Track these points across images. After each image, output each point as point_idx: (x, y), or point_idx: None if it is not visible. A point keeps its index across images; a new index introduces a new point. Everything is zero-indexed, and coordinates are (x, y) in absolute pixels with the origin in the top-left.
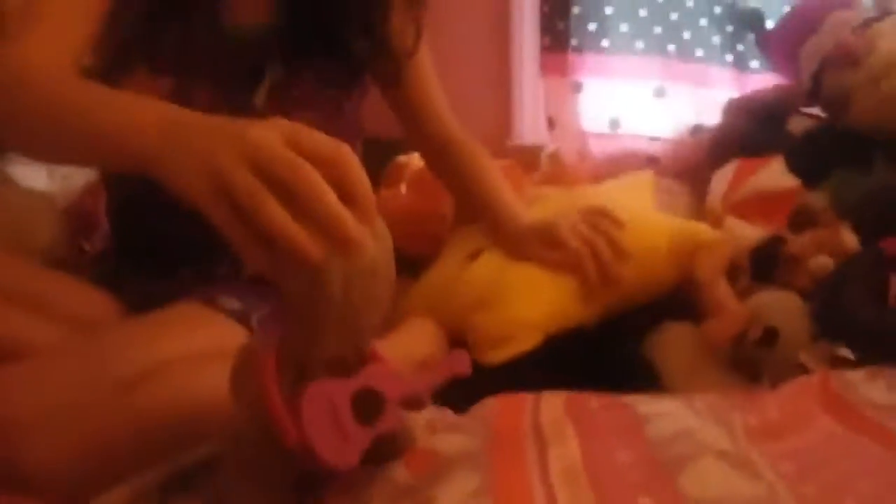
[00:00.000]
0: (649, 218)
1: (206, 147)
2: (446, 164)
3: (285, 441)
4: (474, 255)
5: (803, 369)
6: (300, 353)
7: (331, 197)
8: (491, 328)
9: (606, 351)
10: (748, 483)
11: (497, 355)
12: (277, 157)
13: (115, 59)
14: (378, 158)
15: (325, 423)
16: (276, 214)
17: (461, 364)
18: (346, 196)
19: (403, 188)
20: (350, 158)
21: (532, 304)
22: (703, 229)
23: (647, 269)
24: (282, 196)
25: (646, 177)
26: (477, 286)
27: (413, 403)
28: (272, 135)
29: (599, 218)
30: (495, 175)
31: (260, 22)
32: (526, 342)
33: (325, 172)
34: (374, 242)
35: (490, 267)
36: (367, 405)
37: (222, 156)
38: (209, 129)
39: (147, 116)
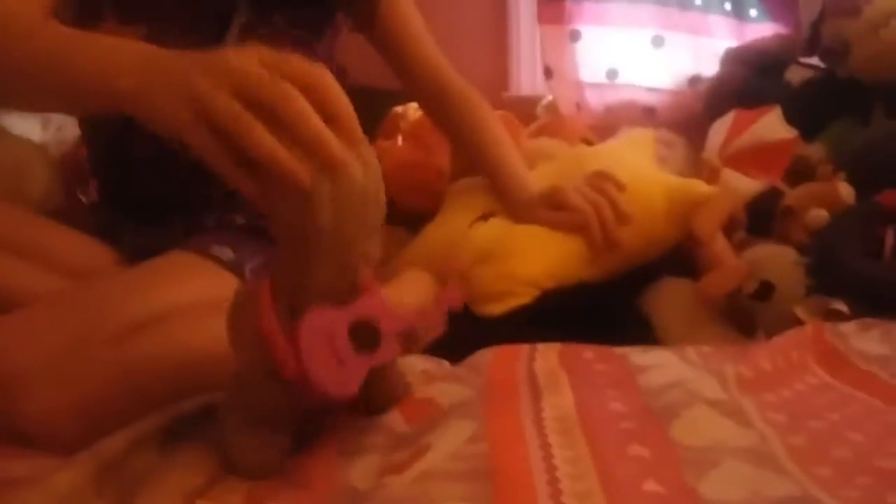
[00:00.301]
0: (647, 177)
1: (184, 76)
2: (445, 114)
3: (284, 372)
4: (485, 217)
5: (798, 322)
6: (293, 284)
7: (315, 119)
8: (489, 282)
9: (602, 305)
10: (739, 432)
11: (494, 308)
12: (259, 80)
13: (84, 10)
14: (375, 109)
15: (322, 351)
16: (264, 138)
17: (452, 299)
18: (329, 119)
19: (400, 140)
20: (331, 81)
21: (533, 261)
22: (699, 186)
23: (646, 228)
24: (265, 120)
25: (646, 134)
26: (481, 244)
27: (408, 338)
28: (252, 59)
29: (604, 181)
30: (498, 132)
31: None
32: (523, 297)
33: (307, 96)
34: (363, 168)
35: (497, 227)
36: (364, 336)
37: (202, 81)
38: (187, 60)
39: (124, 56)
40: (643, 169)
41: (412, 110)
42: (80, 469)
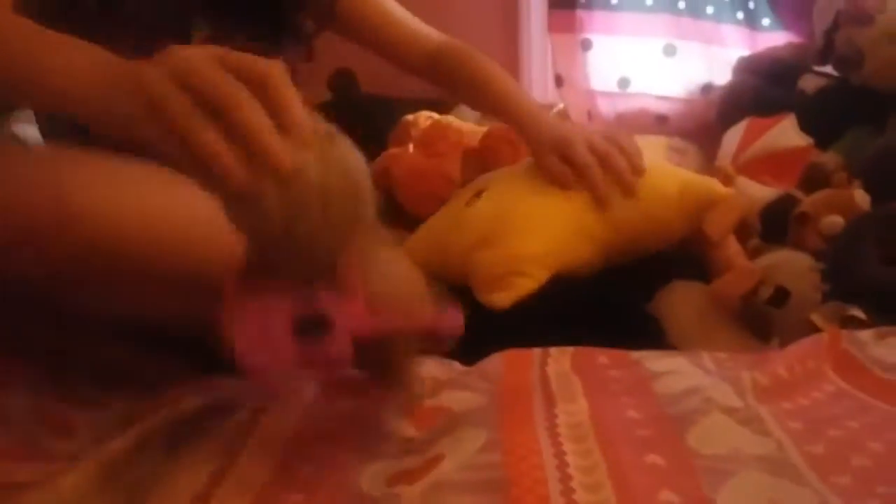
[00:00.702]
0: (662, 166)
1: (135, 69)
2: (447, 76)
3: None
4: (478, 194)
5: (813, 329)
6: (256, 270)
7: (256, 119)
8: (494, 266)
9: (613, 308)
10: (756, 440)
11: (503, 298)
12: (206, 74)
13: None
14: (387, 117)
15: (254, 332)
16: (203, 138)
17: (451, 323)
18: (277, 115)
19: (411, 147)
20: (281, 78)
21: (536, 238)
22: (716, 184)
23: (656, 213)
24: (212, 114)
25: (658, 140)
26: (478, 224)
27: (379, 344)
28: (200, 54)
29: (618, 136)
30: (503, 77)
31: None
32: (532, 280)
33: (256, 93)
34: (321, 166)
35: (492, 204)
36: (315, 329)
37: (151, 72)
38: (139, 62)
39: (77, 58)
40: (658, 161)
41: (423, 118)
42: (84, 472)
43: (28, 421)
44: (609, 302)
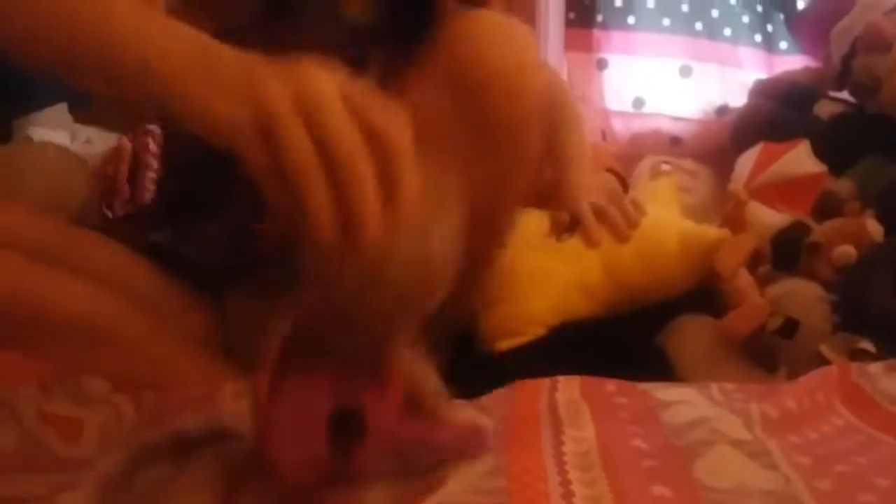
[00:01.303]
0: (661, 220)
1: (249, 78)
2: None
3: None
4: None
5: (823, 361)
6: (307, 337)
7: (367, 185)
8: (497, 322)
9: (620, 342)
10: (764, 474)
11: (503, 344)
12: (332, 121)
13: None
14: None
15: (290, 417)
16: (315, 188)
17: (478, 442)
18: (388, 184)
19: None
20: (401, 140)
21: (536, 299)
22: (714, 232)
23: (656, 268)
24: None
25: (668, 183)
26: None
27: (409, 455)
28: (330, 89)
29: (617, 195)
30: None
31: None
32: (529, 335)
33: (372, 144)
34: (411, 243)
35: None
36: (347, 426)
37: (274, 94)
38: (251, 61)
39: (171, 39)
40: (659, 214)
41: None
42: (85, 489)
43: (36, 423)
44: (617, 337)
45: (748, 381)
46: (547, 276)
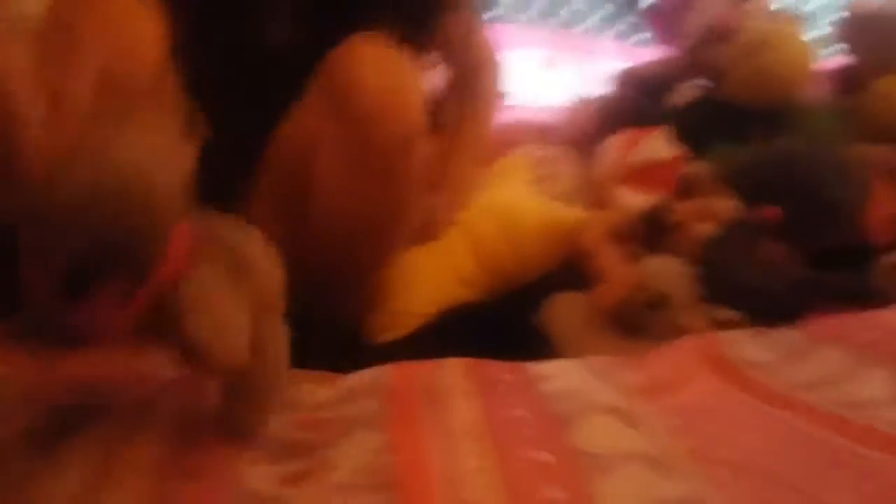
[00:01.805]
0: (522, 202)
1: None
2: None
3: None
4: None
5: (689, 331)
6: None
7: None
8: (379, 319)
9: (499, 324)
10: (635, 436)
11: (385, 337)
12: None
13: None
14: None
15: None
16: None
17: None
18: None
19: None
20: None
21: (416, 292)
22: (570, 215)
23: (518, 254)
24: None
25: (519, 161)
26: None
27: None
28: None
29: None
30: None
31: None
32: (408, 327)
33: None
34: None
35: None
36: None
37: None
38: None
39: None
40: (518, 199)
41: None
42: None
43: None
44: (495, 318)
45: (621, 353)
46: (423, 271)
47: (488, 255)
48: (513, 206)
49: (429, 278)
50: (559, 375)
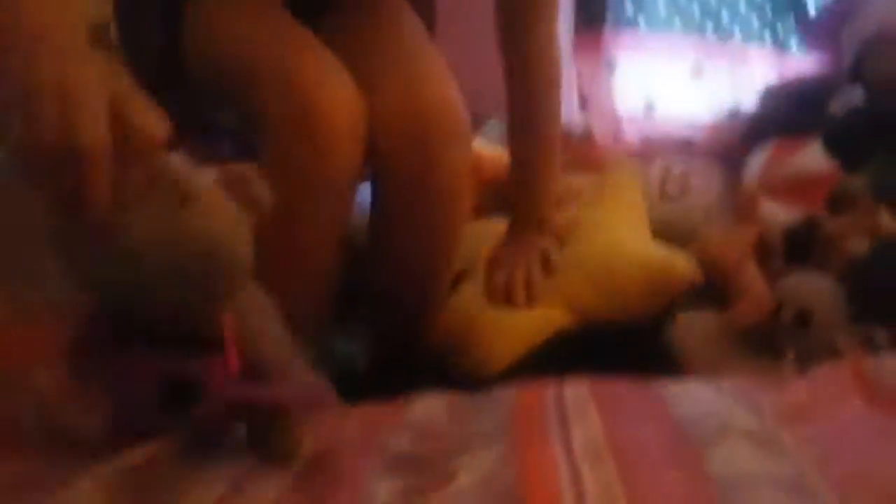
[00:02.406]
0: (625, 254)
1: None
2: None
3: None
4: (458, 277)
5: (836, 352)
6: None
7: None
8: (471, 369)
9: (626, 342)
10: (775, 462)
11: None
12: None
13: None
14: None
15: (123, 393)
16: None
17: (324, 397)
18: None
19: None
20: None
21: (504, 347)
22: (680, 265)
23: (620, 307)
24: None
25: (630, 178)
26: (455, 325)
27: (255, 411)
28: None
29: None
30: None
31: None
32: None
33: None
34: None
35: (467, 300)
36: (187, 394)
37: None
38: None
39: None
40: (614, 246)
41: None
42: (93, 477)
43: (57, 402)
44: (619, 336)
45: (755, 374)
46: (513, 321)
47: (585, 312)
48: (608, 260)
49: (518, 327)
50: (692, 397)
